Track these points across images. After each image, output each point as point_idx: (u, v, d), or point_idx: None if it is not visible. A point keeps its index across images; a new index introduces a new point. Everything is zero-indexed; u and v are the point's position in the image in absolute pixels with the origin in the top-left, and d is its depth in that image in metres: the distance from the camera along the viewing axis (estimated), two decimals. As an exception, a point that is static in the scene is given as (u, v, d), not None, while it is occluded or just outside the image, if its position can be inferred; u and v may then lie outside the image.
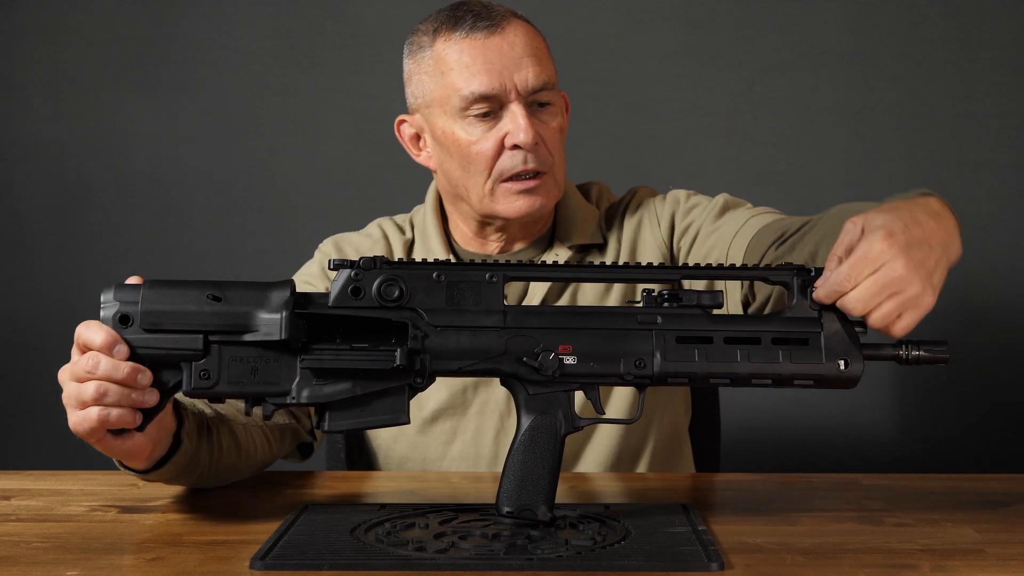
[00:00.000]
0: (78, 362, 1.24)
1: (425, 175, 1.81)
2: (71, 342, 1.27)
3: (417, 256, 1.75)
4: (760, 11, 2.56)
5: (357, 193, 2.59)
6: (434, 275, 1.27)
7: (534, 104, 1.65)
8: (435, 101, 1.67)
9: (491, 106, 1.63)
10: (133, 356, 1.23)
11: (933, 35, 2.54)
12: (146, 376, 1.23)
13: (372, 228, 1.83)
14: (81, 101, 2.62)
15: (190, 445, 1.38)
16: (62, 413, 1.26)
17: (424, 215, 1.80)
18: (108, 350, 1.22)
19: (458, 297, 1.27)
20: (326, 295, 1.26)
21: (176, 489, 1.50)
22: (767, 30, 2.56)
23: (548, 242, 1.77)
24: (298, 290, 1.26)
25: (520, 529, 1.26)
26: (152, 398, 1.24)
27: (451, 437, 1.72)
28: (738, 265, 1.48)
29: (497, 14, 1.65)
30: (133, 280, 1.26)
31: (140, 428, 1.26)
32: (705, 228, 1.73)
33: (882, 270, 1.24)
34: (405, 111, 1.77)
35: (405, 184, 2.54)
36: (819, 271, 1.29)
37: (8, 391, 2.64)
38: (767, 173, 2.58)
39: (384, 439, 1.75)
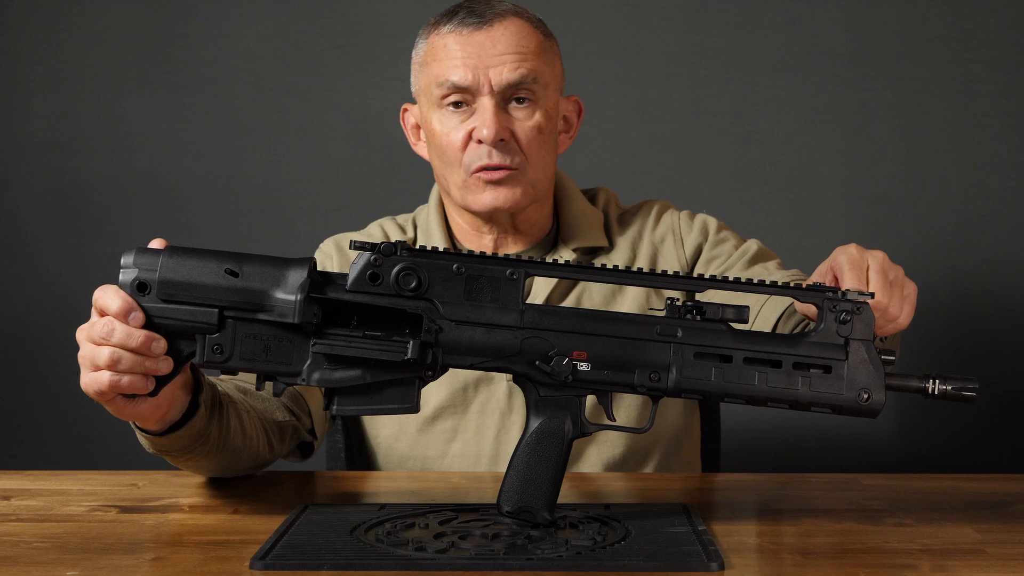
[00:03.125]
0: (94, 325, 1.24)
1: (425, 175, 1.82)
2: (71, 342, 1.27)
3: None
4: (760, 11, 2.56)
5: (357, 193, 2.59)
6: (454, 267, 1.26)
7: (511, 100, 1.66)
8: (422, 91, 1.72)
9: (463, 97, 1.66)
10: (149, 323, 1.23)
11: (933, 35, 2.54)
12: (160, 344, 1.23)
13: (373, 228, 1.83)
14: (81, 101, 2.61)
15: (204, 413, 1.37)
16: (62, 413, 1.26)
17: (428, 213, 1.81)
18: (123, 317, 1.22)
19: (476, 291, 1.26)
20: (345, 276, 1.25)
21: (176, 488, 1.50)
22: (767, 30, 2.56)
23: (551, 244, 1.77)
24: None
25: (520, 529, 1.26)
26: (165, 366, 1.25)
27: (452, 436, 1.72)
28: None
29: (492, 11, 1.68)
30: (156, 244, 1.26)
31: (152, 394, 1.26)
32: (733, 273, 1.72)
33: (871, 261, 1.33)
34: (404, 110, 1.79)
35: (405, 184, 2.54)
36: (846, 292, 1.27)
37: (8, 391, 2.63)
38: (767, 173, 2.58)
39: (385, 437, 1.75)
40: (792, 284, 1.30)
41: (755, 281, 1.28)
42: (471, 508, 1.36)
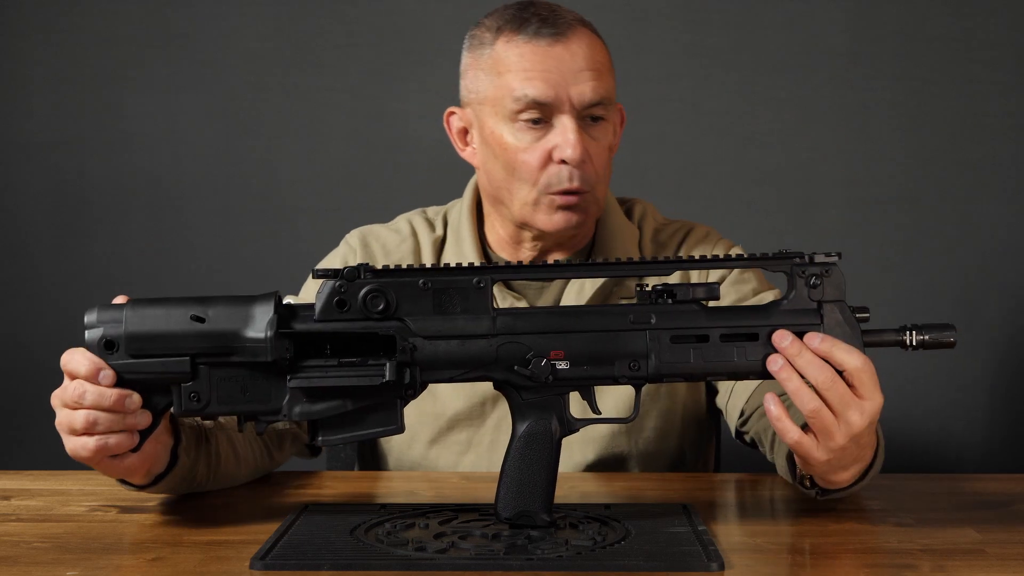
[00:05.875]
0: (66, 389, 1.24)
1: (425, 175, 1.82)
2: (70, 342, 1.27)
3: (448, 257, 1.71)
4: (760, 11, 2.56)
5: (357, 193, 2.59)
6: (420, 282, 1.25)
7: (587, 119, 1.60)
8: (488, 100, 1.63)
9: (542, 114, 1.59)
10: (120, 380, 1.22)
11: (933, 35, 2.54)
12: (134, 399, 1.23)
13: (401, 223, 1.77)
14: (81, 101, 2.61)
15: (187, 460, 1.38)
16: (62, 413, 1.25)
17: (460, 213, 1.74)
18: (93, 378, 1.22)
19: (446, 304, 1.25)
20: (311, 307, 1.24)
21: (176, 489, 1.50)
22: (767, 30, 2.56)
23: (586, 257, 1.72)
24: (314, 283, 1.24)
25: (520, 529, 1.26)
26: (144, 419, 1.24)
27: (466, 448, 1.70)
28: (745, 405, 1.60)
29: (563, 21, 1.60)
30: (119, 300, 1.25)
31: (135, 449, 1.26)
32: None
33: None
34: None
35: (406, 184, 2.54)
36: (813, 256, 1.27)
37: (8, 391, 2.64)
38: (767, 173, 2.58)
39: (397, 444, 1.73)
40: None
41: (721, 256, 1.29)
42: (471, 508, 1.36)
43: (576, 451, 1.67)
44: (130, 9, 2.60)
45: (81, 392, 1.22)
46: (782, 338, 1.25)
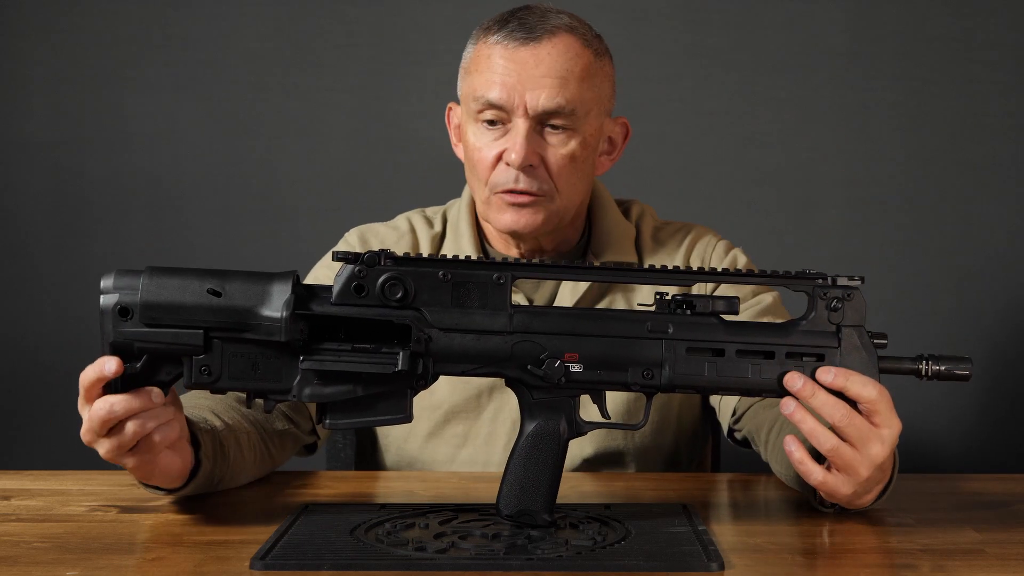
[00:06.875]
0: (92, 420, 1.23)
1: (425, 175, 1.82)
2: (70, 342, 1.27)
3: (447, 251, 1.73)
4: (760, 11, 2.56)
5: (357, 193, 2.59)
6: (440, 274, 1.25)
7: (547, 126, 1.60)
8: (463, 97, 1.67)
9: (498, 116, 1.60)
10: (132, 348, 1.22)
11: (933, 35, 2.54)
12: (157, 392, 1.23)
13: (400, 220, 1.79)
14: (81, 100, 2.61)
15: (208, 464, 1.38)
16: (62, 413, 1.26)
17: (459, 210, 1.76)
18: (100, 369, 1.21)
19: (464, 297, 1.25)
20: (329, 288, 1.24)
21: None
22: (767, 30, 2.56)
23: (580, 256, 1.73)
24: (318, 279, 1.23)
25: (520, 529, 1.26)
26: (170, 412, 1.26)
27: (463, 441, 1.71)
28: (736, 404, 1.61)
29: (542, 28, 1.60)
30: None
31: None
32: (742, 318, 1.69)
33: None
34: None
35: (406, 184, 2.54)
36: (836, 279, 1.27)
37: (8, 391, 2.63)
38: (767, 173, 2.58)
39: (395, 438, 1.74)
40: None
41: (744, 272, 1.29)
42: (471, 508, 1.36)
43: (574, 445, 1.67)
44: (130, 9, 2.60)
45: (107, 408, 1.22)
46: (795, 381, 1.25)
